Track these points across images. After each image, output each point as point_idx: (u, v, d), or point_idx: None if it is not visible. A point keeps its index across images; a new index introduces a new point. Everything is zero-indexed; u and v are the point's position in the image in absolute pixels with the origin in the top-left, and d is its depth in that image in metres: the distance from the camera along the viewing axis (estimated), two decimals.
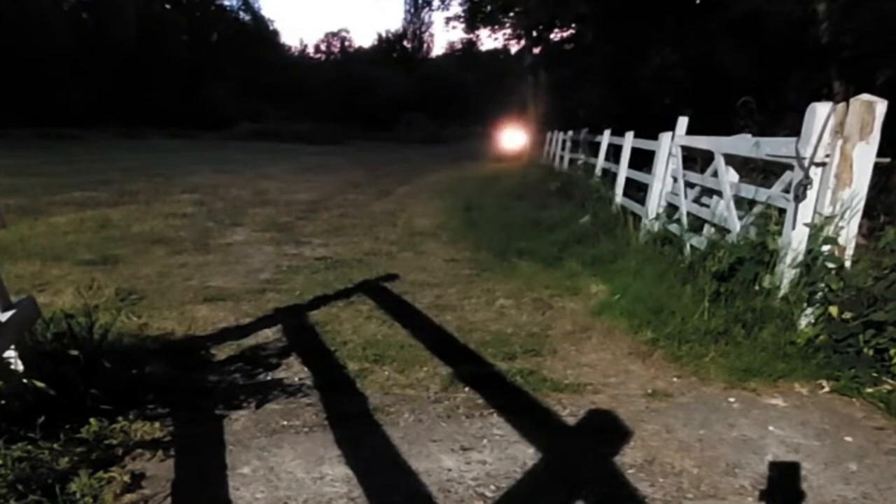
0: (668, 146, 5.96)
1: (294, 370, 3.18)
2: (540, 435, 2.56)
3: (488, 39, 68.62)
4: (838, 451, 2.55)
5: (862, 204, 3.46)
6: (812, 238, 3.54)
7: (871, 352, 3.13)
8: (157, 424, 2.49)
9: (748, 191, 4.36)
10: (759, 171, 5.44)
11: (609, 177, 9.17)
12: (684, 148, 5.69)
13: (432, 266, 5.79)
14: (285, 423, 2.62)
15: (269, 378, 3.07)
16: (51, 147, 20.38)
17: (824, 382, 3.18)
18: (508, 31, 31.69)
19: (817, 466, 2.41)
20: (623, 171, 8.01)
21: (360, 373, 3.17)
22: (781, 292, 3.62)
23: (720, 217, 4.64)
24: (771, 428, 2.72)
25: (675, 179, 5.75)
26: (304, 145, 30.01)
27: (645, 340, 3.78)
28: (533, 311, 4.43)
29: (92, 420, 2.38)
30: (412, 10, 60.66)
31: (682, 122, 5.93)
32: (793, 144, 3.63)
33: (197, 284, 4.81)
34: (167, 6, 43.80)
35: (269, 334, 3.71)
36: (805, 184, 3.53)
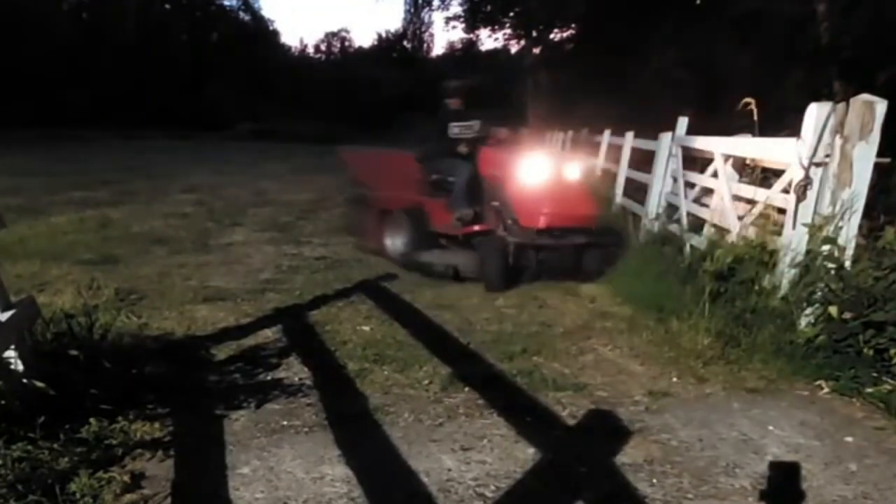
0: (668, 146, 5.97)
1: (294, 370, 3.18)
2: (540, 435, 2.56)
3: (488, 39, 68.50)
4: (838, 451, 2.55)
5: (862, 204, 3.46)
6: (812, 238, 3.54)
7: (871, 352, 3.13)
8: (157, 424, 2.48)
9: (748, 191, 4.36)
10: (759, 171, 5.43)
11: (609, 177, 9.18)
12: (684, 148, 5.69)
13: None
14: (285, 423, 2.62)
15: (269, 378, 3.07)
16: (51, 147, 20.37)
17: (824, 383, 3.18)
18: (508, 31, 31.71)
19: (817, 466, 2.41)
20: (623, 171, 8.02)
21: (360, 373, 3.17)
22: (781, 292, 3.62)
23: (720, 217, 4.65)
24: (771, 428, 2.72)
25: (675, 179, 5.75)
26: (304, 145, 29.99)
27: (645, 340, 3.78)
28: (533, 311, 4.42)
29: (92, 420, 2.37)
30: (412, 10, 60.57)
31: (682, 122, 5.94)
32: (793, 144, 3.63)
33: (197, 284, 4.80)
34: (167, 6, 43.77)
35: (269, 334, 3.70)
36: (805, 184, 3.53)
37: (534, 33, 27.82)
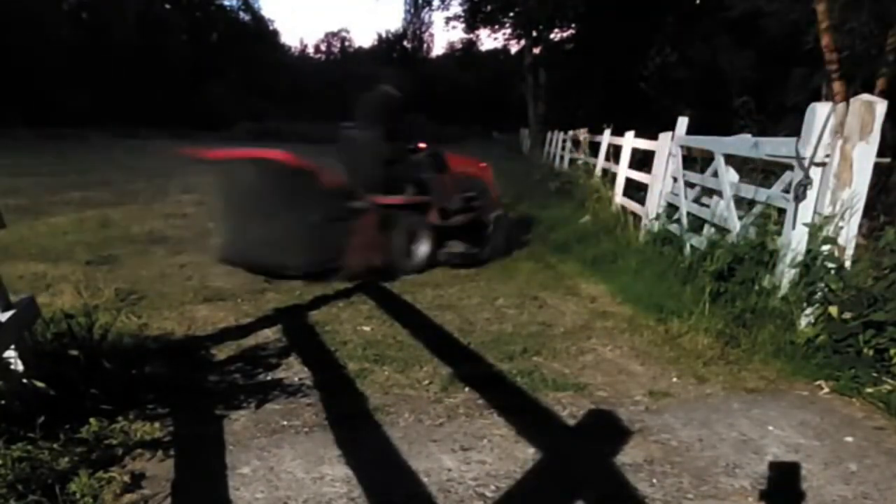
0: (668, 146, 5.96)
1: (294, 370, 3.18)
2: (540, 435, 2.56)
3: (488, 39, 68.58)
4: (838, 451, 2.55)
5: (862, 204, 3.46)
6: (812, 238, 3.54)
7: (871, 352, 3.13)
8: (157, 424, 2.48)
9: (748, 191, 4.36)
10: (759, 171, 5.44)
11: (609, 177, 9.18)
12: (684, 148, 5.69)
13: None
14: (285, 423, 2.62)
15: (269, 378, 3.07)
16: (51, 147, 20.36)
17: (824, 383, 3.18)
18: (508, 31, 31.70)
19: (817, 466, 2.41)
20: (623, 171, 8.02)
21: (360, 373, 3.17)
22: (781, 292, 3.62)
23: (720, 217, 4.65)
24: (771, 428, 2.72)
25: (675, 179, 5.75)
26: (304, 145, 29.98)
27: (645, 340, 3.78)
28: (533, 311, 4.42)
29: (92, 420, 2.37)
30: (412, 10, 60.53)
31: (682, 122, 5.93)
32: (793, 144, 3.63)
33: (196, 284, 4.80)
34: (167, 6, 43.73)
35: (269, 334, 3.70)
36: (805, 184, 3.53)
37: (534, 33, 27.79)
